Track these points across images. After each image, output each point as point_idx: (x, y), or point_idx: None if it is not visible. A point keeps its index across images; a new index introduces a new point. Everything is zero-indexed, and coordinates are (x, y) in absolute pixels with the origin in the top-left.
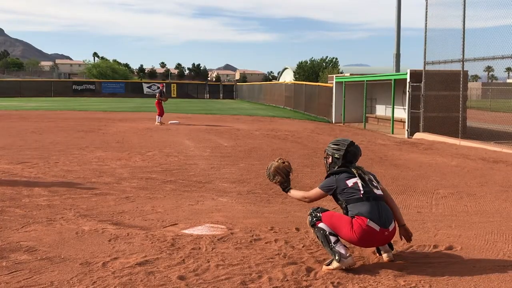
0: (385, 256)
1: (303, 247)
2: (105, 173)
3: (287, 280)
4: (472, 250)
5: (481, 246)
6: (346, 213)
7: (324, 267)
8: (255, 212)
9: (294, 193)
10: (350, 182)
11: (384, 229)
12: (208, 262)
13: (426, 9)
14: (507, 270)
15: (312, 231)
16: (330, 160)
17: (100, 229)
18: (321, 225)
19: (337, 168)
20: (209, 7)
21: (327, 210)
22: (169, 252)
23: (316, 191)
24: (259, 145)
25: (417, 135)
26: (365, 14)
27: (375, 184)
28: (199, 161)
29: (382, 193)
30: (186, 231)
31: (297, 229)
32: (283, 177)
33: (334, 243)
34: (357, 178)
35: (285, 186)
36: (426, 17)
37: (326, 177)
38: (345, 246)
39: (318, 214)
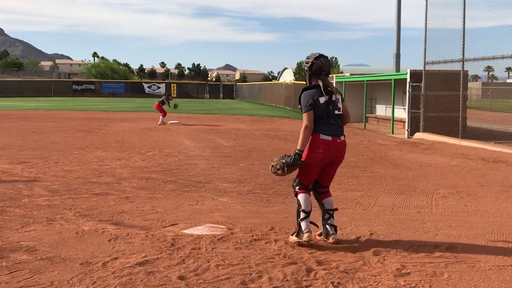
0: (331, 239)
1: (303, 247)
2: (105, 173)
3: (287, 280)
4: (472, 250)
5: (481, 246)
6: None
7: (290, 237)
8: (255, 212)
9: (299, 145)
10: (322, 100)
11: (337, 138)
12: (208, 262)
13: (426, 9)
14: (507, 270)
15: (295, 199)
16: (304, 74)
17: (100, 229)
18: (300, 196)
19: (307, 80)
20: (209, 7)
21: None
22: (169, 252)
23: (304, 116)
24: (259, 145)
25: (417, 135)
26: (365, 14)
27: (339, 105)
28: (199, 161)
29: (341, 113)
30: (186, 231)
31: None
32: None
33: (301, 219)
34: (327, 97)
35: (292, 159)
36: (426, 17)
37: (301, 93)
38: (309, 224)
39: (296, 180)
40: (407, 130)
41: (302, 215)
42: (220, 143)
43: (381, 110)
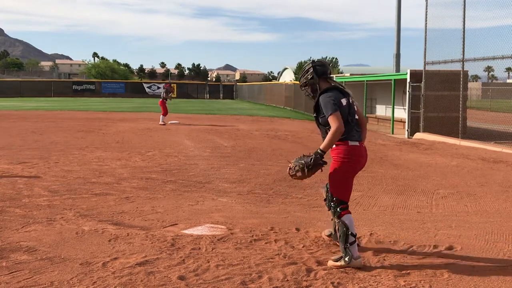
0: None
1: (303, 247)
2: (105, 173)
3: (287, 280)
4: (472, 250)
5: (481, 246)
6: (324, 132)
7: (331, 262)
8: (255, 212)
9: (324, 146)
10: (344, 101)
11: (362, 144)
12: (208, 262)
13: (426, 9)
14: (507, 270)
15: (336, 220)
16: (309, 88)
17: (100, 229)
18: (345, 218)
19: (318, 83)
20: (209, 7)
21: (328, 185)
22: (169, 252)
23: (333, 118)
24: (259, 145)
25: (417, 135)
26: (365, 14)
27: (355, 108)
28: (199, 161)
29: (358, 118)
30: (186, 231)
31: (297, 229)
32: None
33: (350, 244)
34: (346, 98)
35: (312, 159)
36: (426, 17)
37: (318, 98)
38: (357, 247)
39: (334, 198)
40: (407, 130)
41: (350, 239)
42: (220, 143)
43: (381, 110)
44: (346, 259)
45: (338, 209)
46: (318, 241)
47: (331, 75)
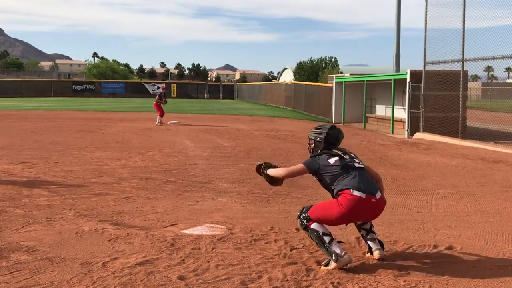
0: (376, 254)
1: (303, 247)
2: (105, 173)
3: (287, 280)
4: (472, 250)
5: (481, 246)
6: (333, 195)
7: (323, 268)
8: (255, 212)
9: (271, 171)
10: (332, 160)
11: (371, 196)
12: (208, 262)
13: (426, 9)
14: (507, 270)
15: (307, 234)
16: (313, 144)
17: (100, 229)
18: (313, 226)
19: (320, 151)
20: (209, 7)
21: (311, 205)
22: (169, 252)
23: (299, 166)
24: (259, 145)
25: (417, 135)
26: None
27: (356, 160)
28: (199, 161)
29: (362, 166)
30: (186, 231)
31: (297, 229)
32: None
33: (328, 243)
34: (338, 157)
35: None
36: (426, 17)
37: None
38: (339, 244)
39: (306, 214)
40: (407, 130)
41: (326, 239)
42: (220, 143)
43: (381, 110)
44: (333, 259)
45: (304, 222)
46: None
47: (338, 146)
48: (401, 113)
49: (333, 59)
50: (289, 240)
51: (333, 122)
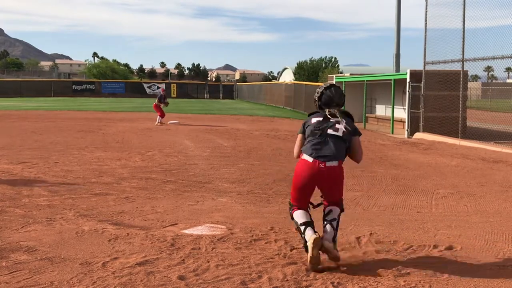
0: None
1: (303, 247)
2: (105, 173)
3: (287, 280)
4: (472, 250)
5: (481, 246)
6: None
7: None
8: (255, 212)
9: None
10: (314, 120)
11: (319, 162)
12: (208, 262)
13: (426, 9)
14: (507, 270)
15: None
16: (315, 104)
17: (100, 229)
18: (294, 215)
19: (316, 106)
20: (209, 7)
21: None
22: (169, 252)
23: (297, 137)
24: (259, 145)
25: (417, 135)
26: (365, 14)
27: (337, 127)
28: (199, 161)
29: (339, 134)
30: (186, 231)
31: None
32: None
33: (303, 231)
34: (322, 118)
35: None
36: (426, 17)
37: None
38: (314, 230)
39: (289, 201)
40: (407, 130)
41: (302, 227)
42: (220, 143)
43: (381, 110)
44: (302, 244)
45: (290, 211)
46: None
47: (338, 106)
48: (401, 113)
49: (333, 59)
50: (289, 240)
51: None
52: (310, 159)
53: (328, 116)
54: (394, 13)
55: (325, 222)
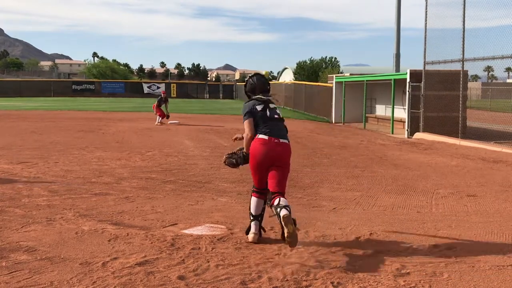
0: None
1: (303, 247)
2: (105, 173)
3: (287, 280)
4: (472, 250)
5: (481, 246)
6: None
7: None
8: None
9: (245, 148)
10: (259, 107)
11: (274, 138)
12: (208, 262)
13: (426, 9)
14: (507, 270)
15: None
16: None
17: (100, 229)
18: (251, 200)
19: (248, 98)
20: (209, 7)
21: None
22: (169, 252)
23: (245, 123)
24: None
25: (417, 135)
26: (365, 14)
27: (277, 111)
28: (199, 161)
29: (279, 117)
30: (186, 231)
31: (297, 229)
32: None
33: (251, 220)
34: (263, 105)
35: (237, 156)
36: (426, 17)
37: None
38: (258, 226)
39: (253, 186)
40: (407, 130)
41: (250, 217)
42: (220, 143)
43: (381, 110)
44: (247, 230)
45: (252, 191)
46: (318, 240)
47: (263, 92)
48: (401, 113)
49: (333, 59)
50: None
51: (333, 122)
52: (265, 137)
53: (266, 102)
54: (394, 13)
55: (279, 208)
